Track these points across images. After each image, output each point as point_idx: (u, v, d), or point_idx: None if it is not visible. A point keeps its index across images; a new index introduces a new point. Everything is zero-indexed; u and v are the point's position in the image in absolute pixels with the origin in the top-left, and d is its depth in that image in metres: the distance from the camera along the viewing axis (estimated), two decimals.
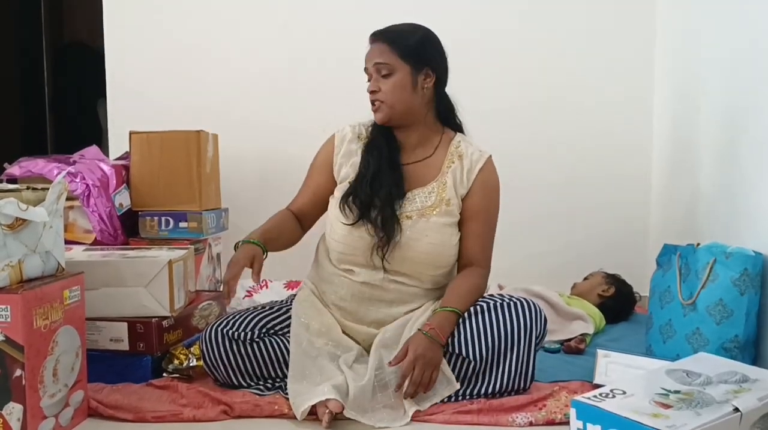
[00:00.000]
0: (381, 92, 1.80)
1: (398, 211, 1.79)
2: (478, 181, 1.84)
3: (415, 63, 1.80)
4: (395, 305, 1.81)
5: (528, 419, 1.63)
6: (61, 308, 1.53)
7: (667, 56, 2.84)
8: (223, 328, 1.77)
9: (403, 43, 1.79)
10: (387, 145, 1.85)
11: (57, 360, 1.52)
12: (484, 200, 1.84)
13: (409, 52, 1.79)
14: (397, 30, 1.83)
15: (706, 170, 2.41)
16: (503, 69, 2.92)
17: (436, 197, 1.82)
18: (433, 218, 1.80)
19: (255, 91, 2.93)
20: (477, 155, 1.85)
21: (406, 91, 1.80)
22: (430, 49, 1.83)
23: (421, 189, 1.83)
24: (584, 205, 2.94)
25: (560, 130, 2.94)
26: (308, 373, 1.69)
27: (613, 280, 2.64)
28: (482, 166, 1.84)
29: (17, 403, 1.42)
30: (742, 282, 1.85)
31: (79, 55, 4.55)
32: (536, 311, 1.74)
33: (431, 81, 1.82)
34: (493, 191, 1.87)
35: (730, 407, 1.21)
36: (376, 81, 1.81)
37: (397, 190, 1.81)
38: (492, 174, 1.87)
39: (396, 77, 1.79)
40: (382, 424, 1.60)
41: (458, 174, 1.83)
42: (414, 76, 1.80)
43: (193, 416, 1.65)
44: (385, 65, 1.79)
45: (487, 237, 1.87)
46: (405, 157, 1.86)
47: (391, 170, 1.82)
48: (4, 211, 1.41)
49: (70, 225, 2.34)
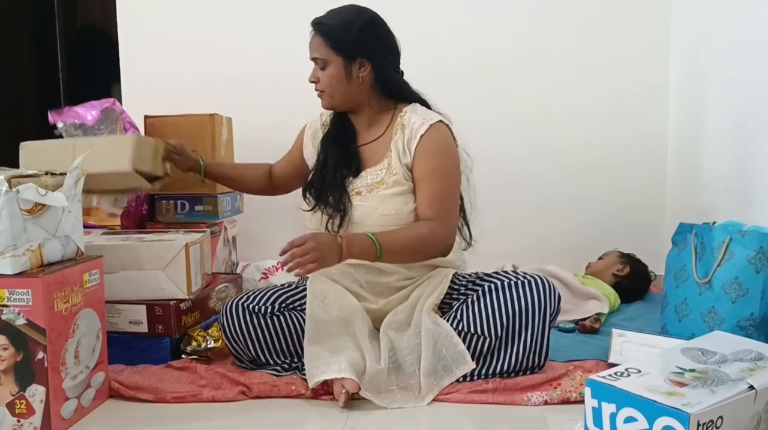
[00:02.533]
0: (320, 83, 1.86)
1: (349, 190, 1.84)
2: (421, 148, 1.81)
3: (347, 55, 1.82)
4: (383, 275, 1.84)
5: (543, 398, 1.64)
6: (81, 291, 1.55)
7: (683, 37, 2.81)
8: (244, 302, 1.80)
9: (334, 36, 1.81)
10: (342, 130, 1.93)
11: (78, 342, 1.54)
12: (430, 163, 1.81)
13: (341, 44, 1.81)
14: (330, 21, 1.84)
15: (723, 148, 2.39)
16: (517, 48, 2.90)
17: (386, 172, 1.84)
18: (382, 191, 1.82)
19: (269, 74, 2.93)
20: (419, 123, 1.82)
21: (341, 82, 1.84)
22: (365, 38, 1.83)
23: (373, 167, 1.86)
24: (599, 185, 2.92)
25: (576, 110, 2.91)
26: (323, 338, 1.73)
27: (628, 259, 2.64)
28: (424, 132, 1.80)
29: (40, 385, 1.45)
30: (758, 260, 1.85)
31: (92, 38, 4.55)
32: (550, 288, 1.74)
33: (366, 69, 1.83)
34: (440, 153, 1.81)
35: (745, 385, 1.21)
36: (315, 72, 1.87)
37: (346, 170, 1.87)
38: (435, 138, 1.81)
39: (330, 70, 1.83)
40: (395, 405, 1.62)
41: (401, 145, 1.84)
42: (347, 68, 1.83)
43: (212, 396, 1.68)
44: (320, 59, 1.84)
45: (438, 195, 1.80)
46: (360, 139, 1.92)
47: (342, 154, 1.89)
48: (24, 196, 1.43)
49: (93, 209, 2.36)
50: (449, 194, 1.82)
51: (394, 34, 1.88)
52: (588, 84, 2.91)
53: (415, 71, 1.97)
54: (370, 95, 1.88)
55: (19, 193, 1.42)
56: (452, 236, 1.82)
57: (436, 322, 1.74)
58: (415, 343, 1.72)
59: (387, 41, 1.87)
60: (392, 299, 1.84)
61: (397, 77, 1.90)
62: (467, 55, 2.88)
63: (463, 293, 1.82)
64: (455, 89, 2.82)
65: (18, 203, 1.43)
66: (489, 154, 2.86)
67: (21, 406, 1.45)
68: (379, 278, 1.84)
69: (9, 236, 1.42)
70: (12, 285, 1.42)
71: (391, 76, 1.88)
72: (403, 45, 1.89)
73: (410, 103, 1.91)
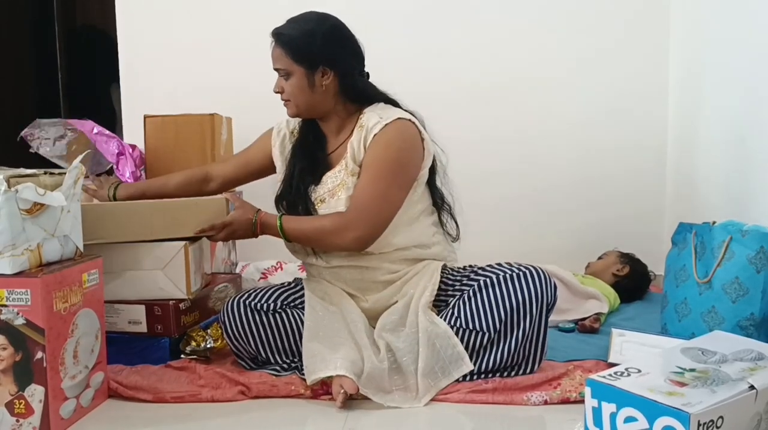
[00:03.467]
0: (284, 93, 1.86)
1: (313, 198, 1.85)
2: (372, 143, 1.79)
3: (309, 65, 1.81)
4: (367, 272, 1.84)
5: (543, 397, 1.64)
6: (80, 291, 1.55)
7: (682, 32, 2.81)
8: (245, 299, 1.81)
9: (294, 46, 1.81)
10: (312, 137, 1.93)
11: (77, 342, 1.54)
12: (372, 155, 1.79)
13: (302, 55, 1.81)
14: (290, 31, 1.83)
15: (722, 148, 2.38)
16: (516, 43, 2.90)
17: (344, 173, 1.83)
18: (343, 193, 1.81)
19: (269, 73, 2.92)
20: (375, 121, 1.80)
21: (304, 91, 1.83)
22: (326, 47, 1.81)
23: (332, 171, 1.86)
24: (599, 184, 2.92)
25: (574, 108, 2.91)
26: (321, 335, 1.73)
27: (628, 259, 2.63)
28: (379, 130, 1.79)
29: (39, 385, 1.45)
30: (759, 260, 1.84)
31: (91, 38, 4.55)
32: (546, 279, 1.73)
33: (329, 77, 1.82)
34: (385, 147, 1.78)
35: (745, 384, 1.21)
36: (279, 82, 1.86)
37: (309, 178, 1.87)
38: (387, 134, 1.78)
39: (293, 80, 1.83)
40: (393, 404, 1.62)
41: (356, 144, 1.82)
42: (310, 78, 1.82)
43: (211, 396, 1.68)
44: (282, 70, 1.84)
45: (364, 187, 1.77)
46: (330, 145, 1.91)
47: (308, 161, 1.89)
48: (23, 195, 1.43)
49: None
50: (380, 187, 1.77)
51: (355, 37, 1.86)
52: (587, 83, 2.91)
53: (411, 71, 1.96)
54: (335, 102, 1.87)
55: (18, 192, 1.42)
56: (361, 230, 1.75)
57: (433, 321, 1.73)
58: (411, 343, 1.71)
59: (349, 46, 1.86)
60: (381, 296, 1.84)
61: (361, 81, 1.89)
62: (463, 57, 2.87)
63: (458, 288, 1.81)
64: (452, 90, 2.82)
65: (17, 203, 1.42)
66: (488, 153, 2.88)
67: (20, 406, 1.45)
68: (363, 274, 1.84)
69: (8, 235, 1.41)
70: (11, 285, 1.42)
71: (356, 81, 1.87)
72: (400, 47, 1.88)
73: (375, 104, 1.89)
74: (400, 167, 1.80)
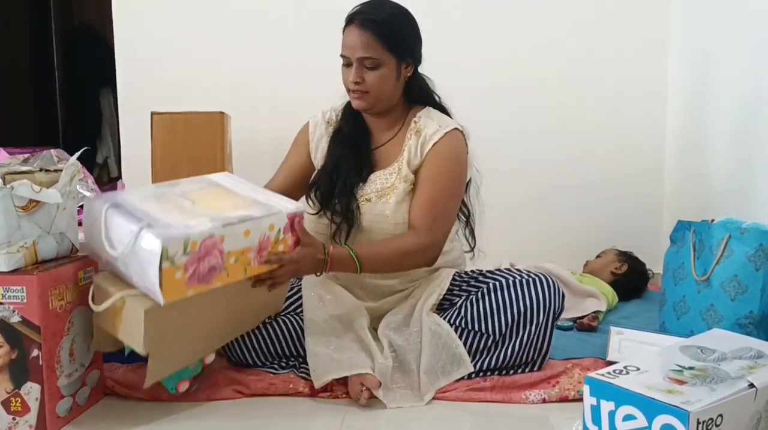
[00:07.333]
0: (365, 83, 1.74)
1: (358, 196, 1.78)
2: (431, 153, 1.76)
3: (400, 55, 1.75)
4: (386, 278, 1.82)
5: (541, 396, 1.63)
6: (76, 288, 1.54)
7: (682, 29, 2.80)
8: None
9: (389, 34, 1.72)
10: (355, 130, 1.84)
11: (73, 340, 1.53)
12: (434, 168, 1.76)
13: (396, 44, 1.73)
14: (381, 17, 1.72)
15: (721, 146, 2.38)
16: (515, 42, 2.90)
17: (396, 177, 1.79)
18: (393, 198, 1.77)
19: (266, 71, 2.92)
20: (433, 129, 1.78)
21: (390, 83, 1.76)
22: (413, 37, 1.79)
23: (383, 171, 1.81)
24: (597, 182, 2.92)
25: (572, 106, 2.91)
26: (325, 337, 1.70)
27: (626, 257, 2.63)
28: (438, 139, 1.77)
29: (35, 382, 1.44)
30: (758, 258, 1.84)
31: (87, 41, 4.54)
32: (555, 288, 1.73)
33: (411, 69, 1.80)
34: (447, 161, 1.77)
35: (744, 382, 1.20)
36: (360, 71, 1.73)
37: (357, 177, 1.79)
38: (447, 146, 1.77)
39: (383, 70, 1.73)
40: (394, 404, 1.61)
41: (413, 149, 1.79)
42: (398, 68, 1.77)
43: (207, 396, 1.67)
44: (370, 59, 1.72)
45: (433, 204, 1.75)
46: (374, 140, 1.86)
47: (354, 157, 1.81)
48: (18, 192, 1.42)
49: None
50: (446, 202, 1.78)
51: None
52: (586, 82, 2.91)
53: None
54: (399, 96, 1.82)
55: (13, 189, 1.41)
56: (438, 248, 1.77)
57: (438, 322, 1.73)
58: (414, 341, 1.71)
59: (421, 38, 1.82)
60: (391, 299, 1.83)
61: (422, 79, 1.86)
62: (461, 57, 2.87)
63: (465, 289, 1.80)
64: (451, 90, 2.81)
65: (12, 200, 1.42)
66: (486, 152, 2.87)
67: (16, 404, 1.44)
68: (382, 281, 1.83)
69: (3, 232, 1.41)
70: (6, 282, 1.41)
71: (421, 77, 1.85)
72: None
73: (425, 106, 1.85)
74: (460, 182, 1.81)
